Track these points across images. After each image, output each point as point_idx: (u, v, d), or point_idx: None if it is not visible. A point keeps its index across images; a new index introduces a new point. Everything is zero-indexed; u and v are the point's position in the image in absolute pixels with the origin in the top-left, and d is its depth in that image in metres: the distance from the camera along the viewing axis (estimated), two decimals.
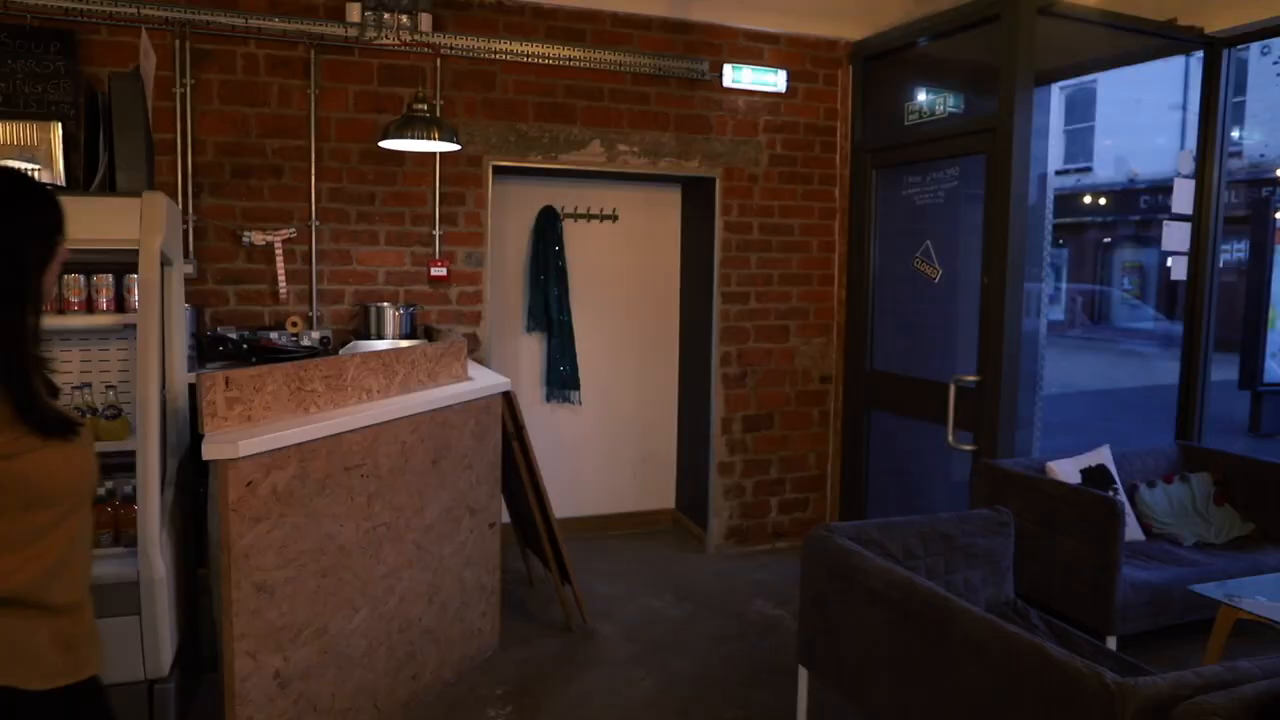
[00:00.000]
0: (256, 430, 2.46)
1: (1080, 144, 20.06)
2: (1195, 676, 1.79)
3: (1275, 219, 8.74)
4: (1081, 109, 19.67)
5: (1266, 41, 9.12)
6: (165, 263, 2.74)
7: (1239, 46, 4.31)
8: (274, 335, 3.82)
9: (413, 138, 3.62)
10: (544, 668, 3.45)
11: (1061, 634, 2.78)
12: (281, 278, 4.03)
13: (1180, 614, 3.47)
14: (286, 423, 2.54)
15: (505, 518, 3.97)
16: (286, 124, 4.02)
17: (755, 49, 4.74)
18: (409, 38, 4.07)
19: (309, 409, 2.68)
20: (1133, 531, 3.82)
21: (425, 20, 4.09)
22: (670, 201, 5.18)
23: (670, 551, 4.89)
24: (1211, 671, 1.82)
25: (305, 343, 3.88)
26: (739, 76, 4.68)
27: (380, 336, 4.00)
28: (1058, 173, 19.61)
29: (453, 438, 3.19)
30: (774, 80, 4.74)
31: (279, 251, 4.02)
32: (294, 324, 4.01)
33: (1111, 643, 3.29)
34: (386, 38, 4.05)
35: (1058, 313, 20.27)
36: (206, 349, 3.69)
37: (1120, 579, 3.30)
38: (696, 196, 5.00)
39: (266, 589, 2.49)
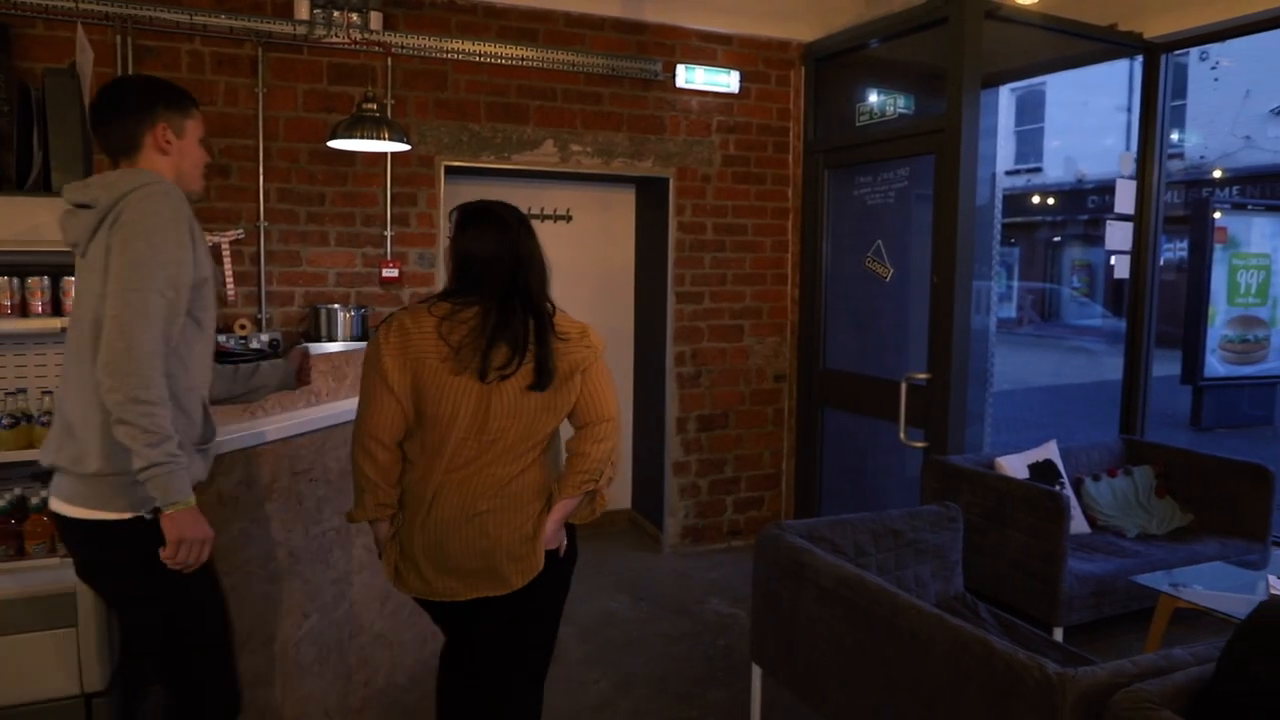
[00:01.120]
0: None
1: (1030, 145, 20.50)
2: (1132, 665, 1.85)
3: (1214, 219, 9.00)
4: (1031, 110, 20.10)
5: (1204, 47, 9.39)
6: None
7: (1177, 52, 4.43)
8: (222, 338, 3.73)
9: (362, 137, 3.58)
10: None
11: (1009, 626, 2.84)
12: (229, 279, 3.95)
13: (1123, 604, 3.56)
14: (232, 427, 2.49)
15: None
16: (233, 123, 3.95)
17: (708, 50, 4.76)
18: (359, 36, 4.02)
19: (255, 413, 2.63)
20: (1078, 524, 3.91)
21: (375, 19, 4.04)
22: (624, 202, 5.18)
23: (626, 551, 4.90)
24: (1147, 660, 1.87)
25: (254, 345, 3.80)
26: (692, 77, 4.69)
27: (331, 339, 3.94)
28: (1008, 173, 20.01)
29: None
30: (727, 81, 4.77)
31: (226, 253, 3.94)
32: (242, 326, 3.94)
33: (1058, 634, 3.37)
34: (336, 36, 3.99)
35: (1009, 310, 20.69)
36: None
37: (1066, 571, 3.38)
38: (650, 197, 5.01)
39: None
